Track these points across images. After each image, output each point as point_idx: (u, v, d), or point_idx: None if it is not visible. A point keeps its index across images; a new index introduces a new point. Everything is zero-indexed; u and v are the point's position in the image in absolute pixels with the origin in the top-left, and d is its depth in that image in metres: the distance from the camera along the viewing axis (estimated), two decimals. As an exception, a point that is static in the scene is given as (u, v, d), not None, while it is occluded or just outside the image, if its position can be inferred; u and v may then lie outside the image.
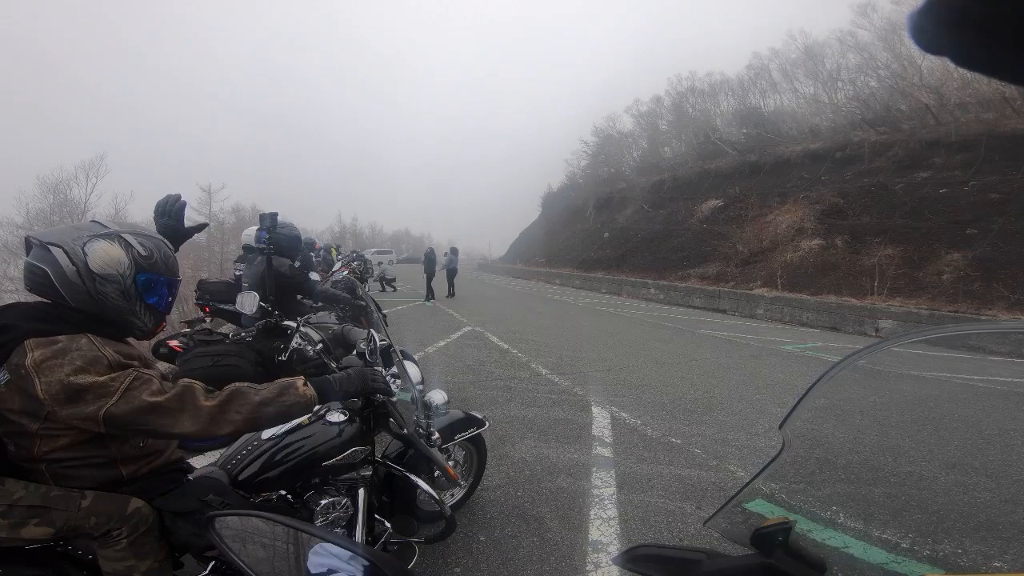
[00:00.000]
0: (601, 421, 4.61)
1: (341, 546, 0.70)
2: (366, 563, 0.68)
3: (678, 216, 27.25)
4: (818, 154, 22.43)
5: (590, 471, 3.54)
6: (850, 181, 19.79)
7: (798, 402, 0.87)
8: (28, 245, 1.41)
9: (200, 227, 2.13)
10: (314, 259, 9.07)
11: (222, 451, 1.91)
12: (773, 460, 0.94)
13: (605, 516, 2.95)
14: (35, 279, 1.36)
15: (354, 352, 2.41)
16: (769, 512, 1.09)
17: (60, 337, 1.29)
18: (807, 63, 26.51)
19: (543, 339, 9.33)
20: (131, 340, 1.55)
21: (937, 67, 20.46)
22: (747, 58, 30.39)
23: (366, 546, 0.87)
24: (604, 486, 3.32)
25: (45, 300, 1.40)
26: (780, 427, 0.91)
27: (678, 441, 4.19)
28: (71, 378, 1.25)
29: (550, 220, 45.74)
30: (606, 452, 3.91)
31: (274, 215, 3.66)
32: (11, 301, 1.49)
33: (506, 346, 8.26)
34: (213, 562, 1.55)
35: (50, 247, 1.35)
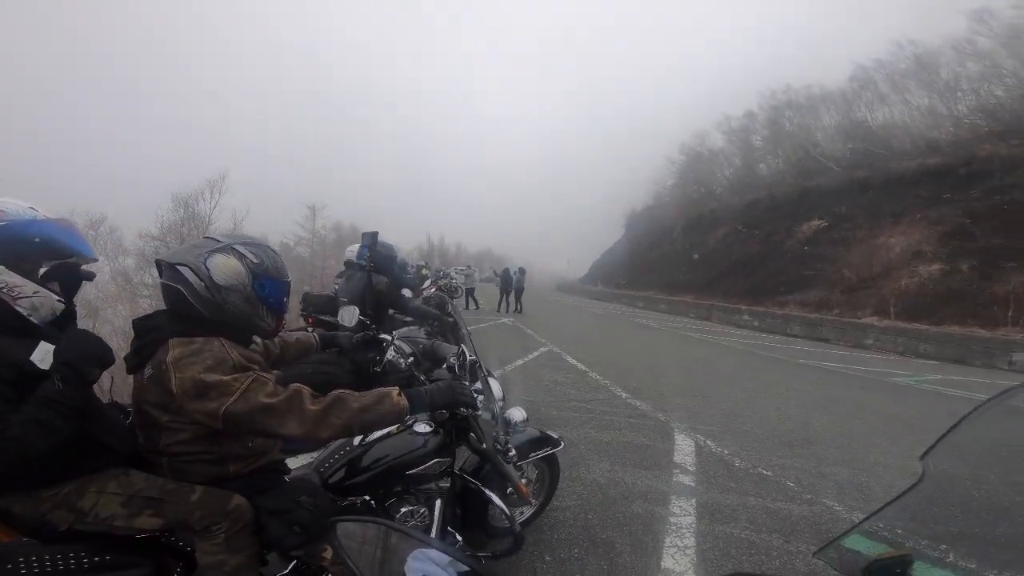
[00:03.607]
0: (684, 448, 4.42)
1: (442, 551, 0.73)
2: (464, 569, 0.70)
3: (776, 238, 25.64)
4: (938, 170, 20.18)
5: (668, 498, 3.42)
6: (978, 199, 17.59)
7: (944, 434, 0.85)
8: (159, 267, 1.57)
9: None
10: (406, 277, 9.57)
11: (315, 454, 2.05)
12: (909, 490, 0.90)
13: (681, 545, 2.84)
14: (171, 297, 1.54)
15: (444, 366, 2.51)
16: (867, 548, 1.04)
17: (197, 339, 1.47)
18: (919, 73, 24.23)
19: (624, 362, 9.13)
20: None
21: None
22: (845, 70, 28.44)
23: (464, 552, 0.89)
24: (683, 514, 3.20)
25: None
26: (921, 458, 0.88)
27: (769, 473, 3.94)
28: (201, 375, 1.38)
29: (634, 241, 44.85)
30: (688, 480, 3.75)
31: (375, 233, 3.92)
32: (146, 305, 1.68)
33: (584, 368, 8.15)
34: (294, 562, 1.65)
35: (178, 267, 1.51)
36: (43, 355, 1.30)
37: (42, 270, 1.38)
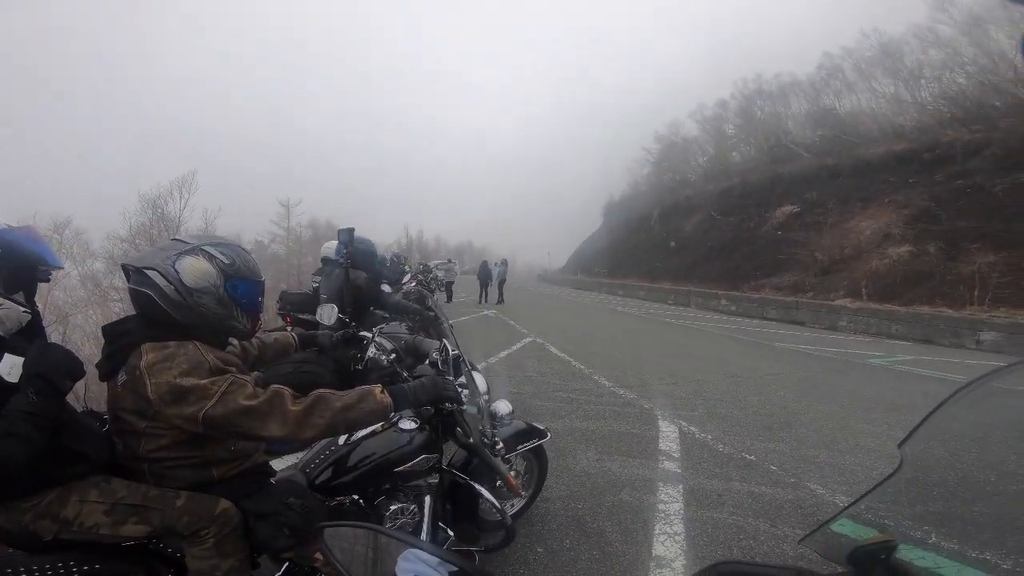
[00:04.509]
0: (668, 435, 4.47)
1: (431, 552, 0.72)
2: (453, 569, 0.69)
3: (749, 223, 26.08)
4: (904, 156, 20.76)
5: (656, 486, 3.45)
6: (942, 183, 18.17)
7: (922, 421, 0.84)
8: (126, 272, 1.53)
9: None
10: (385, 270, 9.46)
11: (301, 454, 2.02)
12: (889, 478, 0.89)
13: (670, 532, 2.87)
14: (140, 301, 1.49)
15: (427, 362, 2.49)
16: (853, 532, 1.06)
17: (171, 343, 1.43)
18: (885, 61, 24.91)
19: (606, 351, 9.19)
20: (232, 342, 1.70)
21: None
22: (815, 58, 28.93)
23: (454, 553, 0.89)
24: (671, 501, 3.23)
25: None
26: (899, 446, 0.88)
27: (752, 457, 4.00)
28: (177, 380, 1.36)
29: (612, 230, 45.09)
30: (673, 467, 3.80)
31: (351, 230, 3.85)
32: (118, 309, 1.66)
33: (567, 358, 8.19)
34: (287, 564, 1.62)
35: (146, 271, 1.47)
36: (10, 368, 1.28)
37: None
